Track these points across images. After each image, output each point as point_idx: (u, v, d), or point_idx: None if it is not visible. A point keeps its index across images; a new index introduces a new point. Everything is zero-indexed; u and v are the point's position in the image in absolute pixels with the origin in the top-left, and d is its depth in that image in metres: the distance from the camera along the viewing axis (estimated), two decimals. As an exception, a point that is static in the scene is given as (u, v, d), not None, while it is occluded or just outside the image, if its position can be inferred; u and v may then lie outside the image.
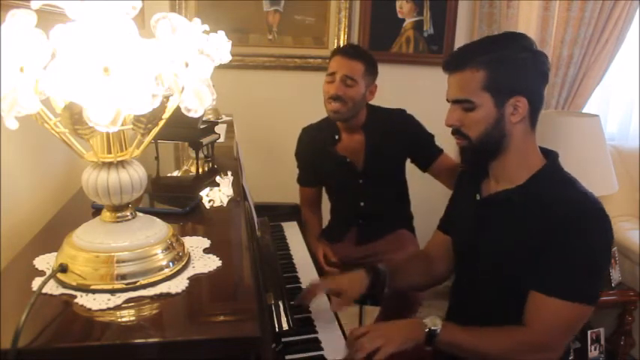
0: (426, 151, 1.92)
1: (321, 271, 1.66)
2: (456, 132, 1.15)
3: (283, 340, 1.08)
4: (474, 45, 1.15)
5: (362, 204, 1.95)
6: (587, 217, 1.06)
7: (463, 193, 1.31)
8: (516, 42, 1.11)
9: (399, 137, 1.88)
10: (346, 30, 2.48)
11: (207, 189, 1.15)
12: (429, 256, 1.40)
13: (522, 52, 1.09)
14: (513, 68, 1.09)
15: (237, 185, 1.22)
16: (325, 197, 2.10)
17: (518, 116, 1.10)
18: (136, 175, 0.73)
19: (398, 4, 2.54)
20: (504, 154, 1.14)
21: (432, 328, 1.09)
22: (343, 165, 1.90)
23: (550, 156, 1.17)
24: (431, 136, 1.93)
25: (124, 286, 0.71)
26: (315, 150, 1.97)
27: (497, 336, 1.11)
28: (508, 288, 1.11)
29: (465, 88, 1.11)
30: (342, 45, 2.41)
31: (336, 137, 1.91)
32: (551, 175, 1.13)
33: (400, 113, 1.93)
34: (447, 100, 1.16)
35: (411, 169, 2.00)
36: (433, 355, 1.21)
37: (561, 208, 1.06)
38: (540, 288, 1.06)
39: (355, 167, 1.90)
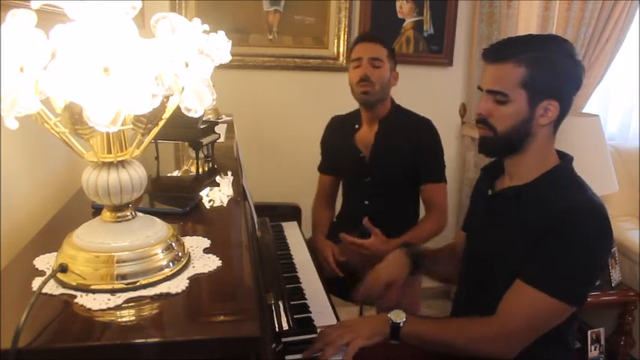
0: (428, 169, 1.88)
1: (321, 269, 1.64)
2: (482, 122, 1.15)
3: (283, 340, 1.08)
4: (519, 40, 1.15)
5: (366, 202, 1.95)
6: (584, 217, 1.06)
7: (480, 189, 1.32)
8: (561, 46, 1.11)
9: (413, 143, 1.85)
10: (346, 30, 2.48)
11: (207, 189, 1.15)
12: (456, 252, 1.41)
13: (565, 57, 1.10)
14: (554, 71, 1.09)
15: (237, 185, 1.22)
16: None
17: (547, 119, 1.11)
18: (136, 175, 0.73)
19: (398, 4, 2.54)
20: (523, 153, 1.15)
21: (396, 321, 1.11)
22: (356, 160, 1.92)
23: (564, 159, 1.18)
24: (442, 162, 1.90)
25: (124, 286, 0.71)
26: (337, 137, 2.00)
27: (458, 327, 1.12)
28: (509, 284, 1.11)
29: (502, 80, 1.11)
30: (362, 34, 2.38)
31: (356, 126, 1.94)
32: (560, 176, 1.15)
33: (425, 121, 1.91)
34: (480, 88, 1.16)
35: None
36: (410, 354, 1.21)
37: (560, 206, 1.06)
38: (523, 276, 1.07)
39: (365, 162, 1.91)
